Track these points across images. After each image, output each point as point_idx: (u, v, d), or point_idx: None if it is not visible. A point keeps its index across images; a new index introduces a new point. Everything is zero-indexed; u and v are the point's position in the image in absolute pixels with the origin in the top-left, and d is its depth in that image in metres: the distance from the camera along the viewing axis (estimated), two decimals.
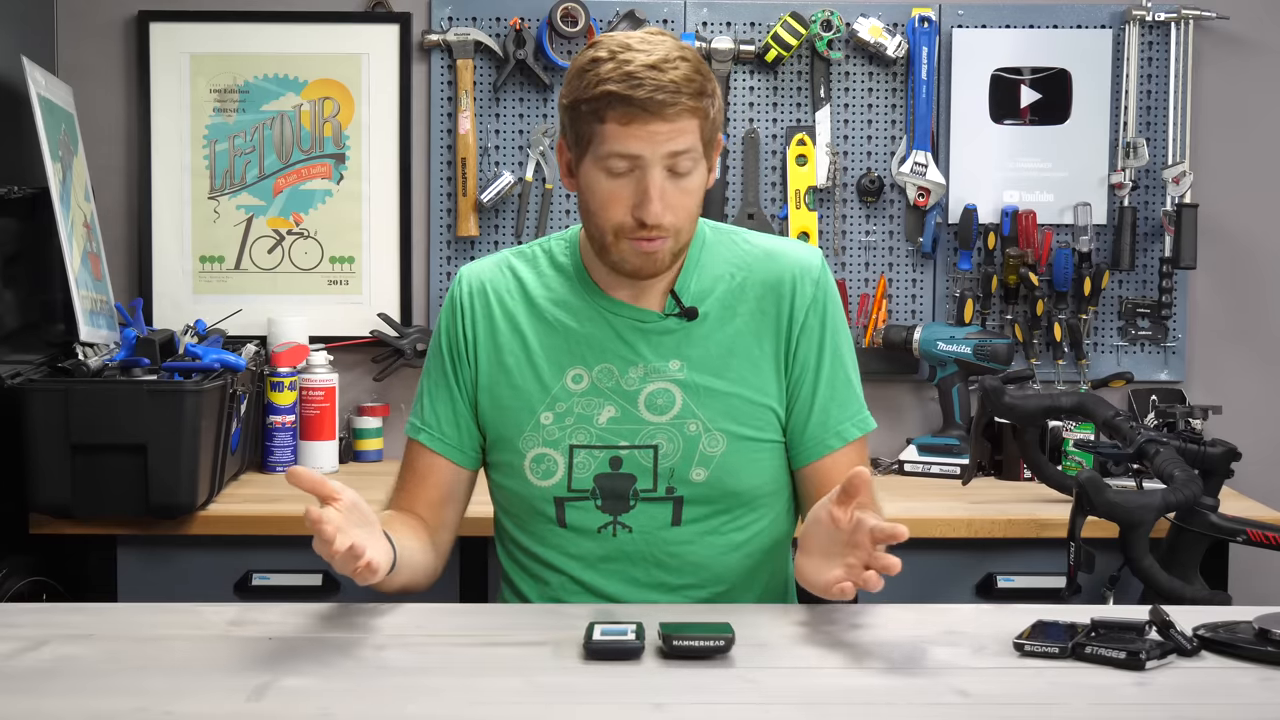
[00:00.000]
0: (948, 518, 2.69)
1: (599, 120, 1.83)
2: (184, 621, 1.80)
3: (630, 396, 1.94)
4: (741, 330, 1.97)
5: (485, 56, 3.20)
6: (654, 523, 1.96)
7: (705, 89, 1.85)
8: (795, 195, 3.21)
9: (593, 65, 1.84)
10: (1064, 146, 3.23)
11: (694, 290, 1.97)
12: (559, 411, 1.95)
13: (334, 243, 3.23)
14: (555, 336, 1.97)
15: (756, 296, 1.97)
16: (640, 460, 1.94)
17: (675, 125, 1.82)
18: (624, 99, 1.80)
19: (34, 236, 2.82)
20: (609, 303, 1.96)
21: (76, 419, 2.54)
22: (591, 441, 1.94)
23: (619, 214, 1.86)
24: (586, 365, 1.95)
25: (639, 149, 1.82)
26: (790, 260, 1.99)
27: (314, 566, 2.66)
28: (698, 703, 1.52)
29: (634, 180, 1.84)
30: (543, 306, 1.98)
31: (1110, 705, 1.52)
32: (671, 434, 1.94)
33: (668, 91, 1.80)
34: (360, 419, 3.16)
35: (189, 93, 3.20)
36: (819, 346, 1.97)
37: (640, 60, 1.82)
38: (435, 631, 1.76)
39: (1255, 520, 2.51)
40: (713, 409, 1.94)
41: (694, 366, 1.95)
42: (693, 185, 1.87)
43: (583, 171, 1.88)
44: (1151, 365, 3.27)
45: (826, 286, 1.99)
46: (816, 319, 1.97)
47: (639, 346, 1.95)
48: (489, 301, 2.00)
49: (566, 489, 1.95)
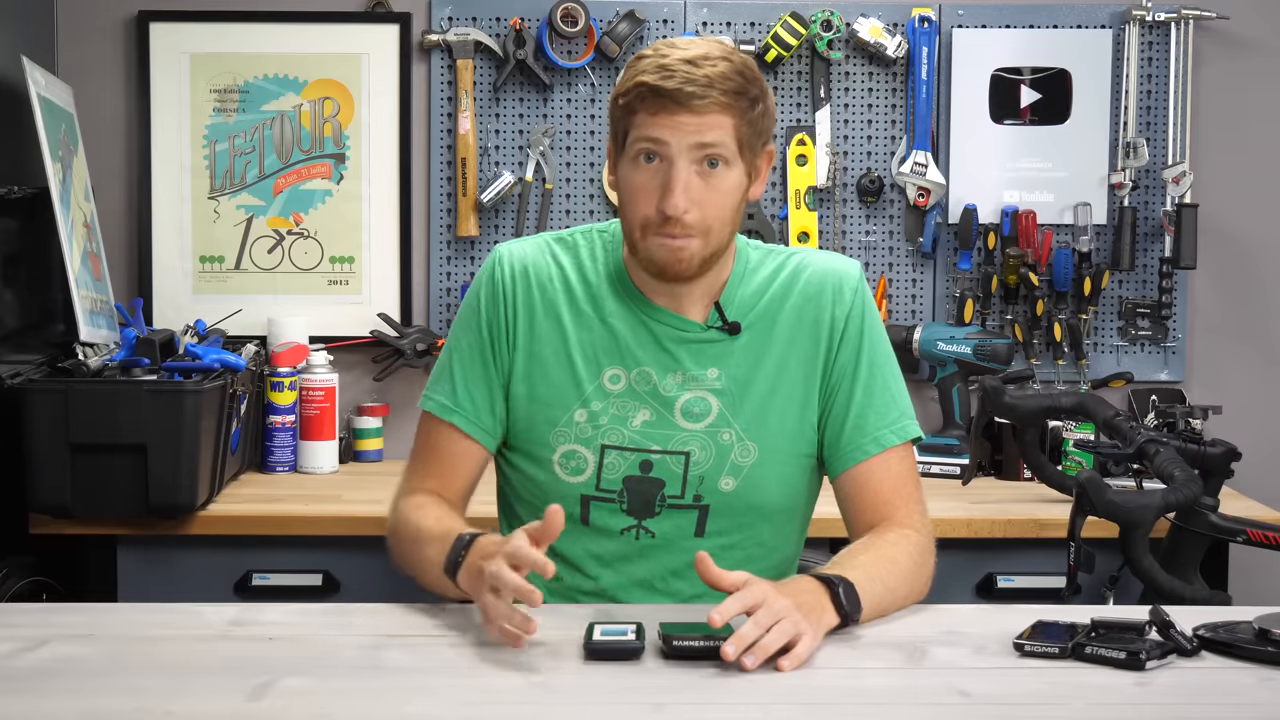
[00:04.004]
0: (948, 518, 2.68)
1: (632, 112, 1.84)
2: (184, 621, 1.80)
3: (667, 402, 1.94)
4: (781, 341, 1.96)
5: (485, 56, 3.20)
6: (678, 531, 1.95)
7: (745, 90, 1.84)
8: (795, 195, 3.21)
9: (635, 62, 1.86)
10: (1064, 146, 3.23)
11: (737, 304, 1.96)
12: (594, 410, 1.94)
13: (334, 243, 3.23)
14: (594, 333, 1.95)
15: (796, 307, 1.97)
16: (671, 466, 1.93)
17: (704, 119, 1.82)
18: (654, 89, 1.81)
19: (34, 236, 2.81)
20: (649, 308, 1.95)
21: (76, 419, 2.54)
22: (624, 443, 1.93)
23: (646, 207, 1.85)
24: (625, 367, 1.94)
25: (664, 136, 1.82)
26: (829, 270, 1.99)
27: (314, 566, 2.67)
28: (698, 703, 1.52)
29: (661, 171, 1.84)
30: (582, 297, 1.97)
31: (1110, 705, 1.52)
32: (705, 442, 1.93)
33: (699, 85, 1.80)
34: (360, 419, 3.16)
35: (189, 93, 3.19)
36: (857, 354, 1.96)
37: (678, 55, 1.83)
38: (435, 631, 1.76)
39: (1255, 520, 2.51)
40: (748, 419, 1.94)
41: (732, 377, 1.94)
42: (724, 185, 1.85)
43: (620, 168, 1.89)
44: (1151, 365, 3.27)
45: (865, 296, 1.99)
46: (855, 327, 1.96)
47: (679, 355, 1.94)
48: (530, 286, 1.97)
49: (595, 488, 1.94)
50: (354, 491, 2.86)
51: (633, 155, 1.85)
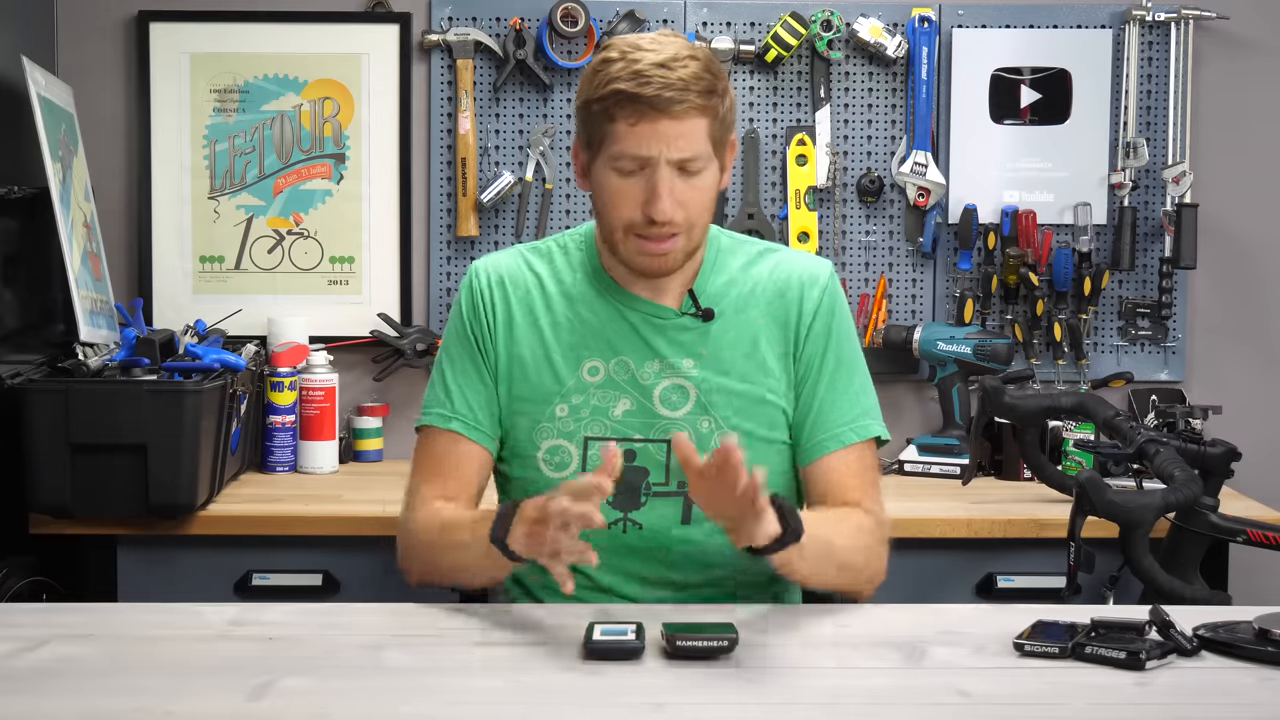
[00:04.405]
0: (948, 518, 2.68)
1: (609, 120, 1.85)
2: (184, 621, 1.80)
3: (646, 391, 1.97)
4: (753, 332, 1.99)
5: (485, 56, 3.20)
6: (664, 521, 1.97)
7: (715, 87, 1.86)
8: (795, 195, 3.21)
9: (603, 65, 1.87)
10: (1064, 146, 3.23)
11: (710, 291, 1.99)
12: (574, 404, 1.97)
13: (334, 243, 3.23)
14: (571, 329, 1.98)
15: (767, 301, 2.00)
16: (654, 454, 1.96)
17: (684, 124, 1.84)
18: (632, 97, 1.82)
19: (34, 236, 2.81)
20: (626, 297, 1.99)
21: (76, 419, 2.54)
22: (606, 434, 1.96)
23: (629, 211, 1.88)
24: (603, 358, 1.97)
25: (648, 150, 1.84)
26: (800, 268, 2.03)
27: (314, 566, 2.67)
28: (698, 703, 1.52)
29: (644, 178, 1.86)
30: (558, 301, 2.00)
31: (1110, 705, 1.52)
32: (685, 430, 1.94)
33: (675, 89, 1.82)
34: (360, 419, 3.16)
35: (189, 93, 3.19)
36: (823, 351, 2.00)
37: (649, 59, 1.84)
38: (434, 631, 1.76)
39: (1255, 520, 2.51)
40: (725, 408, 1.97)
41: (707, 365, 1.97)
42: (703, 183, 1.89)
43: (595, 171, 1.91)
44: (1151, 365, 3.27)
45: (834, 296, 2.02)
46: (823, 325, 2.00)
47: (655, 342, 1.97)
48: (507, 293, 2.01)
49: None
50: (354, 491, 2.86)
51: (613, 164, 1.87)
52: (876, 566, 1.95)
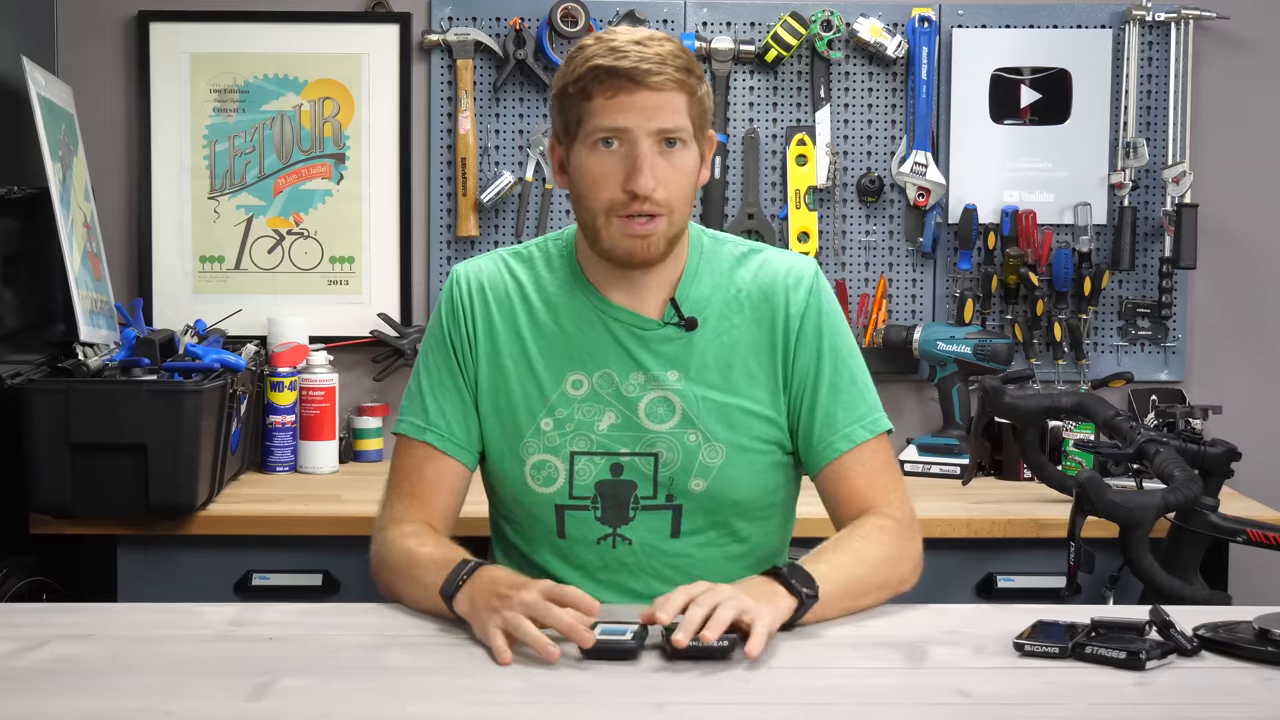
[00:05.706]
0: (948, 518, 2.68)
1: (586, 98, 1.83)
2: (184, 621, 1.80)
3: (630, 403, 1.93)
4: (739, 341, 1.95)
5: (485, 56, 3.20)
6: (653, 535, 1.95)
7: (692, 68, 1.86)
8: (795, 195, 3.21)
9: (578, 51, 1.86)
10: (1064, 146, 3.23)
11: (693, 299, 1.95)
12: (559, 418, 1.94)
13: (334, 243, 3.23)
14: (554, 340, 1.95)
15: (752, 306, 1.96)
16: (641, 468, 1.93)
17: (662, 96, 1.82)
18: (609, 70, 1.81)
19: (34, 236, 2.82)
20: (607, 306, 1.95)
21: (76, 419, 2.54)
22: (592, 448, 1.93)
23: (609, 190, 1.84)
24: (586, 371, 1.94)
25: (626, 121, 1.82)
26: (783, 269, 1.98)
27: (314, 566, 2.67)
28: (698, 703, 1.52)
29: (624, 154, 1.83)
30: (540, 308, 1.97)
31: (1110, 705, 1.52)
32: (671, 443, 1.93)
33: (653, 61, 1.81)
34: (360, 419, 3.16)
35: (189, 93, 3.19)
36: (817, 353, 1.96)
37: (624, 39, 1.84)
38: (434, 631, 1.76)
39: (1255, 520, 2.51)
40: (711, 420, 1.93)
41: (692, 377, 1.94)
42: (684, 164, 1.86)
43: (573, 157, 1.88)
44: (1151, 365, 3.27)
45: (820, 293, 1.98)
46: (813, 326, 1.96)
47: (638, 354, 1.94)
48: (487, 301, 1.98)
49: (568, 496, 1.94)
50: (354, 491, 2.86)
51: (591, 143, 1.85)
52: (909, 567, 1.90)
